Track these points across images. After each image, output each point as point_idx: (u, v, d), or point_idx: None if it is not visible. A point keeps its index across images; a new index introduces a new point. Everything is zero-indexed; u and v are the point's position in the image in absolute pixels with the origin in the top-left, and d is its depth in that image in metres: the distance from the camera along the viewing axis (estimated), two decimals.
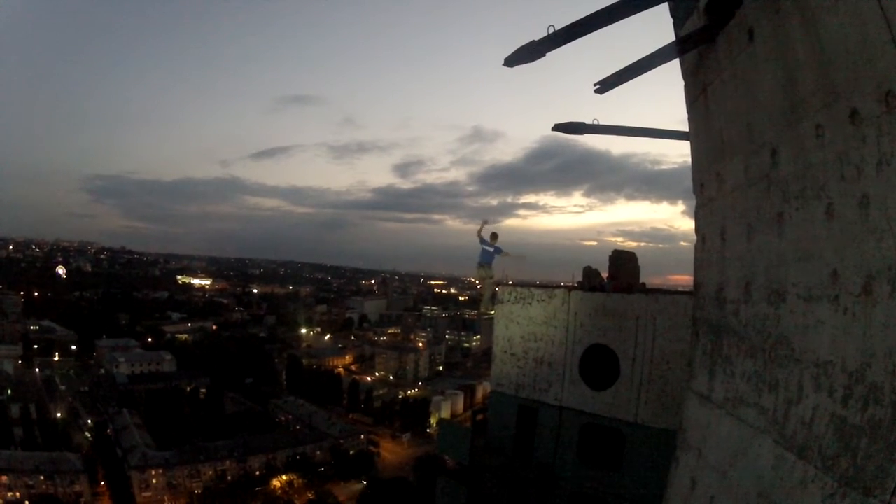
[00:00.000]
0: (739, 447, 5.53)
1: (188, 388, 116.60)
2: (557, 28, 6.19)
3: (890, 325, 3.53)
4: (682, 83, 7.72)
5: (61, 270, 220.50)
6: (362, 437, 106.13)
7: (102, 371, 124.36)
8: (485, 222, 12.95)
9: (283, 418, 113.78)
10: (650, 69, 6.72)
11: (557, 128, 11.39)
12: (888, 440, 3.41)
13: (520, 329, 13.64)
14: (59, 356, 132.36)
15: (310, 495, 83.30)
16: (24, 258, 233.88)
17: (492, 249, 13.21)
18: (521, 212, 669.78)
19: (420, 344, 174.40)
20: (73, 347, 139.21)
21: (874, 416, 3.57)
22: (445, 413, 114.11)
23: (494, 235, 13.13)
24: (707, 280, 7.12)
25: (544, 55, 6.45)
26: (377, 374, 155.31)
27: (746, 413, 5.50)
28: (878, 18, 3.49)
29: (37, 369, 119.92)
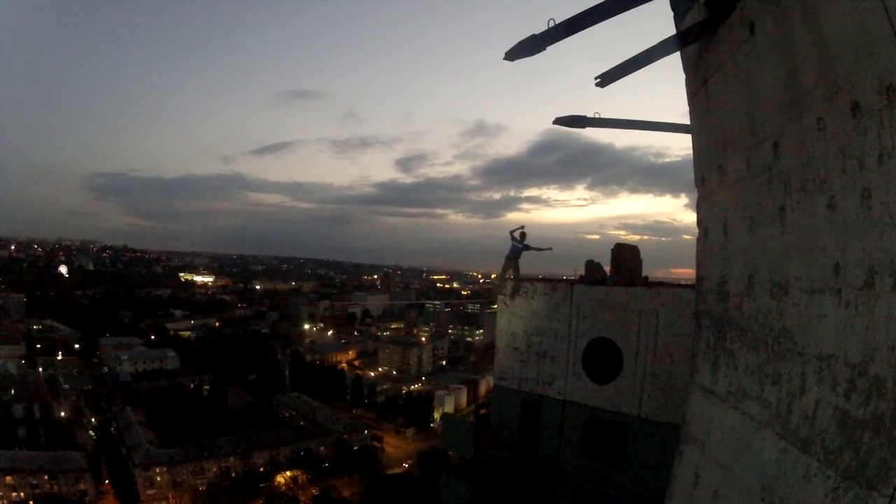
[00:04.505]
0: (743, 441, 5.54)
1: (191, 385, 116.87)
2: (558, 22, 6.19)
3: (892, 319, 3.53)
4: (683, 76, 7.71)
5: (63, 269, 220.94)
6: (366, 432, 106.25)
7: (106, 369, 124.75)
8: (521, 227, 14.30)
9: (286, 414, 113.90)
10: (651, 62, 6.70)
11: (559, 121, 11.37)
12: (891, 434, 3.42)
13: (522, 323, 13.64)
14: (63, 355, 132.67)
15: (314, 491, 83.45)
16: (27, 258, 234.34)
17: (521, 246, 14.04)
18: (524, 205, 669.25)
19: (423, 339, 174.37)
20: (76, 346, 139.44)
21: (877, 409, 3.58)
22: (449, 408, 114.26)
23: (523, 234, 14.21)
24: (710, 273, 7.12)
25: (545, 49, 6.44)
26: (380, 369, 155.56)
27: (749, 407, 5.50)
28: (878, 12, 3.48)
29: (40, 368, 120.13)
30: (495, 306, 14.75)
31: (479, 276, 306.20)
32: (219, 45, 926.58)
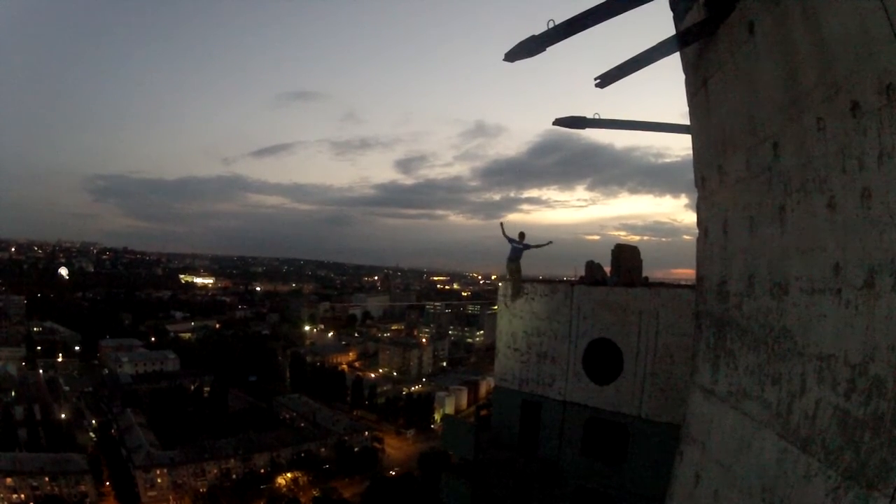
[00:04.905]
0: (743, 441, 5.54)
1: (192, 387, 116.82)
2: (558, 22, 6.19)
3: (893, 319, 3.53)
4: (683, 76, 7.71)
5: (64, 271, 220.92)
6: (366, 433, 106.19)
7: (106, 371, 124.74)
8: (501, 223, 14.15)
9: (287, 416, 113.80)
10: (651, 63, 6.70)
11: (558, 122, 11.37)
12: (891, 434, 3.41)
13: (523, 324, 13.65)
14: (63, 357, 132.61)
15: (315, 492, 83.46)
16: (27, 259, 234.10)
17: (521, 246, 13.92)
18: (524, 206, 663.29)
19: (423, 340, 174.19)
20: (77, 348, 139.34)
21: (877, 409, 3.58)
22: (449, 409, 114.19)
23: (522, 234, 14.10)
24: (710, 274, 7.12)
25: (544, 50, 6.45)
26: (381, 370, 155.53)
27: (750, 407, 5.50)
28: (878, 12, 3.49)
29: (40, 370, 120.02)
30: (496, 307, 14.75)
31: (480, 277, 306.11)
32: (219, 45, 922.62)
